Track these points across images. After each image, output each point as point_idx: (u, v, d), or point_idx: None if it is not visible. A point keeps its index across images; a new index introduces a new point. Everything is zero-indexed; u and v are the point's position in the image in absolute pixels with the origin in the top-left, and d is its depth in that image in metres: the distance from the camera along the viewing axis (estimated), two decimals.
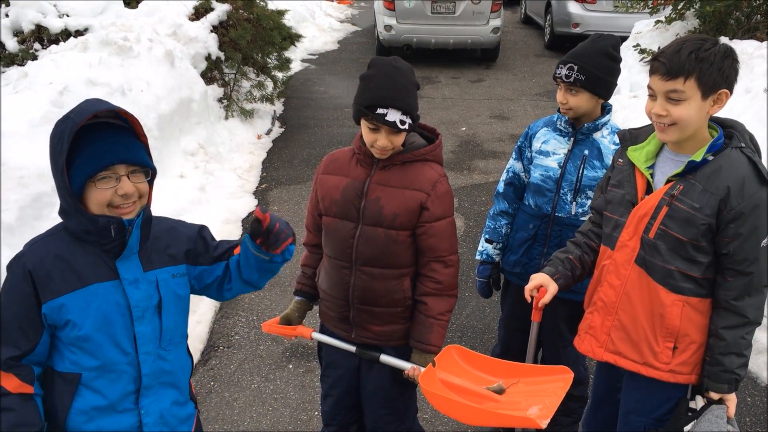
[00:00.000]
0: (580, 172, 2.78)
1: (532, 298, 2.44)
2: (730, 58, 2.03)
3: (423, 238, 2.39)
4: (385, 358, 2.46)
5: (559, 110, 2.85)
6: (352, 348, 2.52)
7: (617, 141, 2.58)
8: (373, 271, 2.41)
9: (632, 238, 2.22)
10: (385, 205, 2.36)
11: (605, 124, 2.81)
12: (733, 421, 2.19)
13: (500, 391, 2.31)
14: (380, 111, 2.24)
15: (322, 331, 2.67)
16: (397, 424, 2.62)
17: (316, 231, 2.61)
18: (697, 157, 2.08)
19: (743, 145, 2.11)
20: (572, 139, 2.81)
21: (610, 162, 2.57)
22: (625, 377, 2.39)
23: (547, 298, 2.37)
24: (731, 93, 2.06)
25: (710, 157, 2.09)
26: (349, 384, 2.64)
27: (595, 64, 2.69)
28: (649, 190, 2.21)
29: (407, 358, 2.46)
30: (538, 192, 2.88)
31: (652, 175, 2.21)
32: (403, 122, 2.26)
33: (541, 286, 2.38)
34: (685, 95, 2.02)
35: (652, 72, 2.09)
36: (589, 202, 2.74)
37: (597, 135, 2.79)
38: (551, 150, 2.85)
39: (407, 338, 2.50)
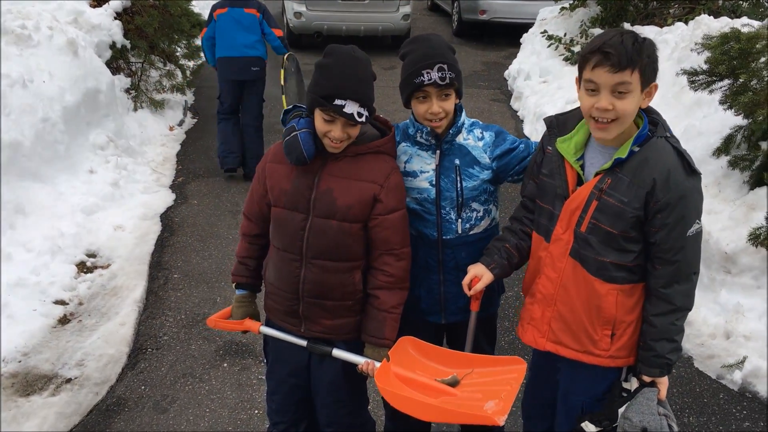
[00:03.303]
0: (459, 185, 2.47)
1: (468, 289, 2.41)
2: (656, 52, 2.03)
3: (376, 231, 2.35)
4: (337, 352, 2.41)
5: (414, 121, 2.50)
6: (303, 342, 2.45)
7: (479, 136, 2.50)
8: (324, 264, 2.35)
9: (566, 232, 2.22)
10: (339, 196, 2.30)
11: (464, 124, 2.51)
12: (665, 403, 2.24)
13: (455, 383, 2.30)
14: (338, 102, 2.18)
15: (268, 325, 2.58)
16: (351, 417, 2.59)
17: (257, 220, 2.53)
18: (623, 153, 2.07)
19: (669, 134, 2.12)
20: (438, 151, 2.48)
21: (487, 159, 2.48)
22: (562, 359, 2.40)
23: (479, 286, 2.36)
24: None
25: (636, 149, 2.09)
26: (297, 380, 2.57)
27: (455, 61, 2.40)
28: (580, 181, 2.20)
29: (359, 352, 2.42)
30: (416, 217, 2.52)
31: (582, 166, 2.20)
32: (360, 114, 2.21)
33: (476, 276, 2.37)
34: (630, 87, 1.99)
35: (595, 65, 1.99)
36: (475, 214, 2.52)
37: (459, 139, 2.48)
38: (417, 169, 2.50)
39: (358, 332, 2.45)
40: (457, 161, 2.49)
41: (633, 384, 2.29)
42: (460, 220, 2.52)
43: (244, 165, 6.27)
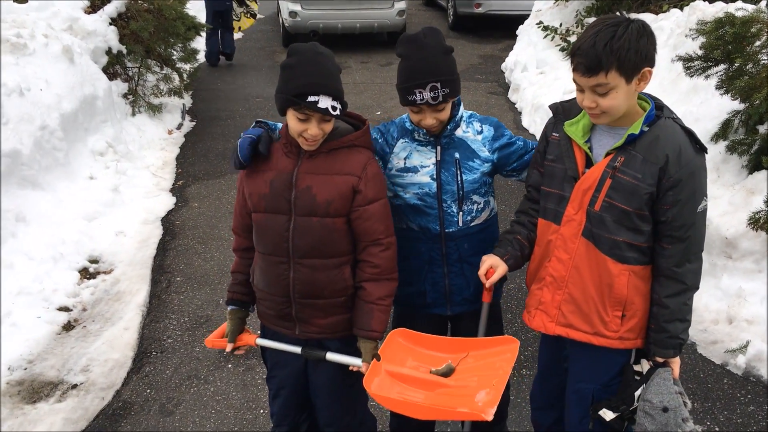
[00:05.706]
0: (459, 178, 2.50)
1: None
2: (646, 35, 2.03)
3: (358, 222, 2.35)
4: (331, 356, 2.40)
5: (409, 120, 2.52)
6: (298, 349, 2.46)
7: (478, 129, 2.55)
8: (313, 263, 2.35)
9: (578, 212, 2.25)
10: (318, 193, 2.30)
11: (462, 117, 2.54)
12: (678, 381, 2.28)
13: (449, 372, 2.30)
14: (311, 99, 2.18)
15: (263, 331, 2.60)
16: (350, 417, 2.60)
17: (246, 233, 2.52)
18: (636, 129, 2.13)
19: (675, 115, 2.18)
20: (438, 147, 2.51)
21: (486, 152, 2.53)
22: (570, 347, 2.44)
23: (495, 277, 2.37)
24: (653, 67, 2.09)
25: (646, 128, 2.14)
26: (297, 382, 2.58)
27: (450, 70, 2.37)
28: (588, 163, 2.24)
29: (354, 347, 2.42)
30: (418, 213, 2.55)
31: (590, 148, 2.25)
32: (334, 108, 2.22)
33: (491, 267, 2.39)
34: (609, 86, 2.04)
35: (574, 69, 2.08)
36: (475, 206, 2.56)
37: (459, 132, 2.53)
38: (418, 164, 2.52)
39: (352, 328, 2.45)
40: (457, 155, 2.51)
41: (644, 366, 2.31)
42: (461, 213, 2.54)
43: (225, 57, 10.73)
